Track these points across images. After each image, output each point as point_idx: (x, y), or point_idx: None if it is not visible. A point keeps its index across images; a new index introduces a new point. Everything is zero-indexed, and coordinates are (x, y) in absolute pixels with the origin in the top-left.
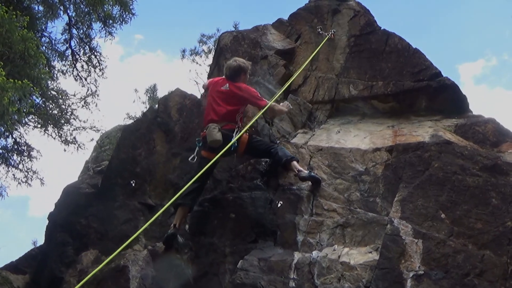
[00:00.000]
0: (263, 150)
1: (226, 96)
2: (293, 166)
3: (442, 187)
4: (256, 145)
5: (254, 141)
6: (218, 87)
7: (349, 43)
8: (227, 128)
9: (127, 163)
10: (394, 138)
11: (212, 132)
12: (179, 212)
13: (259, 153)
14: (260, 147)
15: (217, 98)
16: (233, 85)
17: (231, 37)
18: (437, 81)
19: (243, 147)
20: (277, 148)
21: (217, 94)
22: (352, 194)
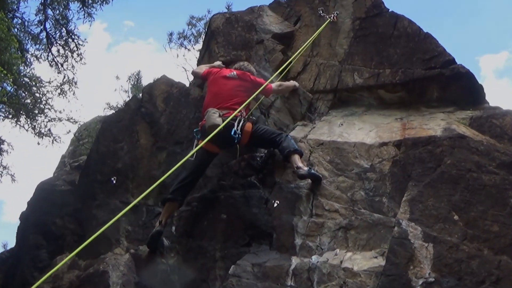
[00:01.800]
0: (268, 140)
1: (232, 83)
2: (293, 160)
3: (455, 186)
4: (261, 134)
5: (258, 130)
6: (223, 73)
7: (354, 26)
8: (228, 115)
9: (108, 158)
10: (403, 132)
11: (212, 117)
12: (167, 208)
13: (264, 143)
14: (265, 135)
15: (221, 84)
16: (241, 73)
17: (223, 19)
18: (451, 69)
19: (247, 137)
20: (283, 137)
21: (221, 81)
22: (356, 193)
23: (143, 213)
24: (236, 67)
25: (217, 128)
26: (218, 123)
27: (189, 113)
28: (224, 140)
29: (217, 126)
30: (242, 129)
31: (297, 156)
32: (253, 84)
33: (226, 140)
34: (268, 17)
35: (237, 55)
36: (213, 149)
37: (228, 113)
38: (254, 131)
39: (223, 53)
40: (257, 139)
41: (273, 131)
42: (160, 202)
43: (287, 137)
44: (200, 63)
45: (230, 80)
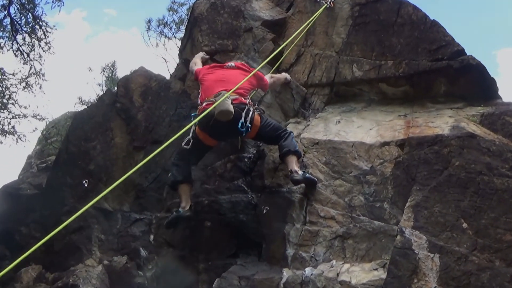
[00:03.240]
0: (273, 136)
1: (234, 71)
2: (289, 162)
3: (464, 190)
4: (268, 129)
5: (266, 124)
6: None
7: (353, 13)
8: (236, 102)
9: (79, 159)
10: (407, 130)
11: (225, 101)
12: (183, 190)
13: (268, 138)
14: (271, 132)
15: (222, 71)
16: (239, 63)
17: (207, 5)
18: (460, 61)
19: (254, 131)
20: (287, 133)
21: (222, 72)
22: (354, 198)
23: (118, 220)
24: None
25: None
26: (231, 110)
27: (169, 108)
28: (228, 131)
29: (229, 113)
30: (251, 121)
31: (294, 158)
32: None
33: (231, 131)
34: (258, 3)
35: (223, 44)
36: (210, 142)
37: (237, 100)
38: (262, 126)
39: (208, 42)
40: (262, 134)
41: (279, 126)
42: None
43: (290, 135)
44: (182, 53)
45: (230, 69)
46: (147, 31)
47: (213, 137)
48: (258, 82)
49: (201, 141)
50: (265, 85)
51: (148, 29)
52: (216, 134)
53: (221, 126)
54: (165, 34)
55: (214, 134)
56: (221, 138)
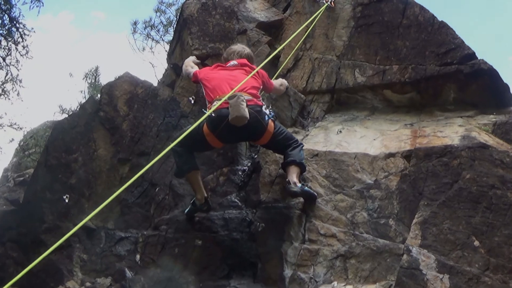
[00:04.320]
0: (284, 145)
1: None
2: (289, 172)
3: (475, 205)
4: (280, 137)
5: (279, 132)
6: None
7: (355, 13)
8: (251, 104)
9: (59, 172)
10: (413, 140)
11: (240, 106)
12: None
13: (278, 147)
14: (283, 140)
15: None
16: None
17: (198, 5)
18: (470, 65)
19: (268, 138)
20: (297, 143)
21: (227, 72)
22: (357, 215)
23: (101, 239)
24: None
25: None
26: (246, 115)
27: (157, 118)
28: (240, 135)
29: (245, 118)
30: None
31: (297, 170)
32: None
33: (243, 135)
34: (253, 3)
35: (215, 48)
36: (215, 143)
37: (252, 101)
38: (275, 133)
39: (198, 46)
40: (274, 142)
41: (291, 136)
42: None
43: (300, 146)
44: (170, 57)
45: (235, 69)
46: (133, 33)
47: (221, 140)
48: (264, 82)
49: (207, 141)
50: (269, 86)
51: (134, 32)
52: (226, 137)
53: (233, 130)
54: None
55: (224, 137)
56: (230, 141)
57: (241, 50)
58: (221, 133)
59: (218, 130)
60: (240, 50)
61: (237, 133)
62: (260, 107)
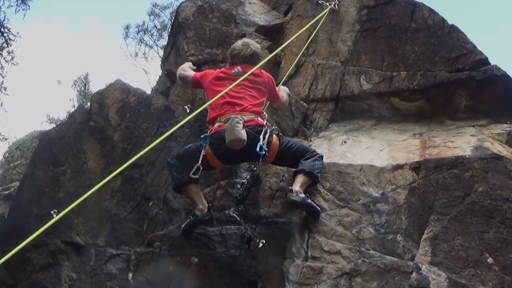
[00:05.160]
0: (295, 160)
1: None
2: (296, 180)
3: (488, 220)
4: (289, 152)
5: (286, 146)
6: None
7: (360, 17)
8: (251, 124)
9: (46, 185)
10: (423, 151)
11: (235, 129)
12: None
13: (290, 163)
14: (294, 155)
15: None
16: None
17: (194, 8)
18: (483, 71)
19: (273, 156)
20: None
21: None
22: (363, 230)
23: (91, 256)
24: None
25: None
26: (242, 138)
27: (150, 127)
28: (241, 157)
29: (241, 141)
30: (268, 145)
31: (303, 179)
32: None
33: (244, 157)
34: (252, 5)
35: (212, 53)
36: (216, 164)
37: (251, 121)
38: (281, 150)
39: (194, 51)
40: (283, 159)
41: (304, 150)
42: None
43: (314, 157)
44: (165, 63)
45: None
46: (125, 38)
47: (223, 161)
48: (270, 92)
49: (208, 162)
50: (275, 96)
51: (126, 36)
52: (228, 160)
53: (233, 152)
54: (146, 42)
55: (226, 159)
56: (233, 163)
57: (246, 52)
58: (222, 155)
59: (219, 152)
60: (244, 51)
61: (238, 155)
62: (261, 127)
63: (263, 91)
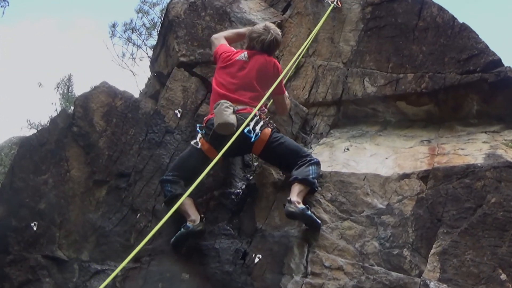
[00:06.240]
0: (287, 160)
1: (247, 69)
2: (292, 190)
3: (502, 234)
4: (278, 149)
5: (276, 140)
6: (233, 56)
7: (364, 15)
8: (243, 112)
9: (26, 196)
10: (431, 159)
11: (223, 113)
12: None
13: (278, 160)
14: (284, 154)
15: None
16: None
17: (185, 5)
18: (495, 73)
19: (260, 146)
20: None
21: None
22: (366, 244)
23: (74, 272)
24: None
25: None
26: (231, 122)
27: (138, 133)
28: (234, 144)
29: (229, 125)
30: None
31: (300, 187)
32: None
33: (237, 144)
34: (248, 2)
35: (205, 54)
36: (213, 155)
37: (245, 110)
38: (270, 141)
39: (185, 52)
40: (270, 153)
41: (296, 150)
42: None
43: (308, 163)
44: (154, 64)
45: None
46: (111, 37)
47: (217, 149)
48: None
49: (205, 154)
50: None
51: (112, 35)
52: (221, 147)
53: (225, 139)
54: (134, 42)
55: (219, 146)
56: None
57: (265, 37)
58: (214, 143)
59: (212, 140)
60: (264, 36)
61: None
62: (254, 115)
63: (267, 83)
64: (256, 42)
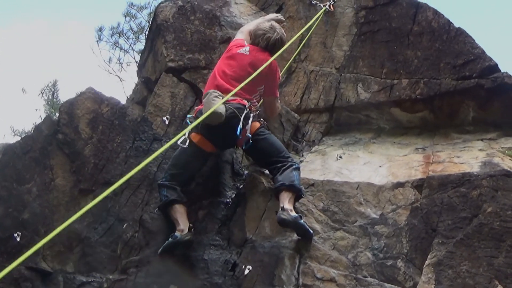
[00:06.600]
0: (267, 157)
1: (245, 62)
2: (282, 198)
3: (498, 244)
4: (262, 144)
5: (262, 134)
6: (236, 49)
7: (358, 19)
8: (233, 102)
9: (9, 205)
10: (426, 168)
11: (212, 102)
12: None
13: (259, 156)
14: (266, 150)
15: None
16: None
17: (174, 9)
18: (492, 79)
19: (242, 140)
20: (286, 165)
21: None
22: (359, 255)
23: (59, 284)
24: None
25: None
26: (219, 111)
27: (125, 141)
28: (224, 136)
29: (218, 114)
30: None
31: (290, 194)
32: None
33: (226, 137)
34: (238, 6)
35: (194, 59)
36: (207, 147)
37: (235, 100)
38: (255, 134)
39: (174, 57)
40: (254, 146)
41: (278, 149)
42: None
43: (291, 167)
44: (141, 70)
45: (240, 59)
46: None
47: (209, 140)
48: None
49: (196, 146)
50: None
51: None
52: (211, 137)
53: (214, 129)
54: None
55: (210, 136)
56: (217, 143)
57: (271, 35)
58: (205, 132)
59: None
60: (270, 34)
61: (219, 132)
62: (244, 106)
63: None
64: (261, 39)
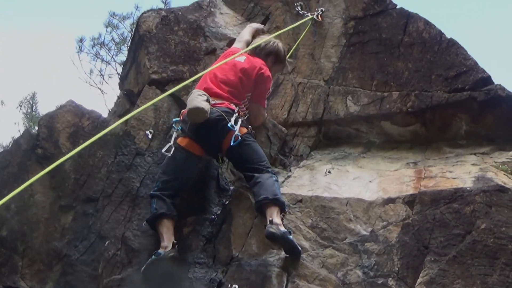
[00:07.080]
0: (247, 164)
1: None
2: (268, 213)
3: (492, 262)
4: (244, 148)
5: (246, 142)
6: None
7: (347, 29)
8: (220, 106)
9: None
10: (417, 183)
11: (195, 99)
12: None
13: (240, 162)
14: (246, 156)
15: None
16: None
17: (157, 19)
18: (485, 91)
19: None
20: (264, 177)
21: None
22: (349, 273)
23: None
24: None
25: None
26: (201, 107)
27: (107, 156)
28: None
29: (200, 110)
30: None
31: (275, 208)
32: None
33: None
34: (223, 16)
35: (178, 71)
36: (195, 149)
37: (222, 104)
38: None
39: (157, 69)
40: (237, 150)
41: (260, 158)
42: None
43: (271, 179)
44: (123, 82)
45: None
46: (79, 53)
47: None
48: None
49: (185, 150)
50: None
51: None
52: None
53: (201, 130)
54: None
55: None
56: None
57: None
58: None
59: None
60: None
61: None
62: (232, 111)
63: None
64: (260, 49)
